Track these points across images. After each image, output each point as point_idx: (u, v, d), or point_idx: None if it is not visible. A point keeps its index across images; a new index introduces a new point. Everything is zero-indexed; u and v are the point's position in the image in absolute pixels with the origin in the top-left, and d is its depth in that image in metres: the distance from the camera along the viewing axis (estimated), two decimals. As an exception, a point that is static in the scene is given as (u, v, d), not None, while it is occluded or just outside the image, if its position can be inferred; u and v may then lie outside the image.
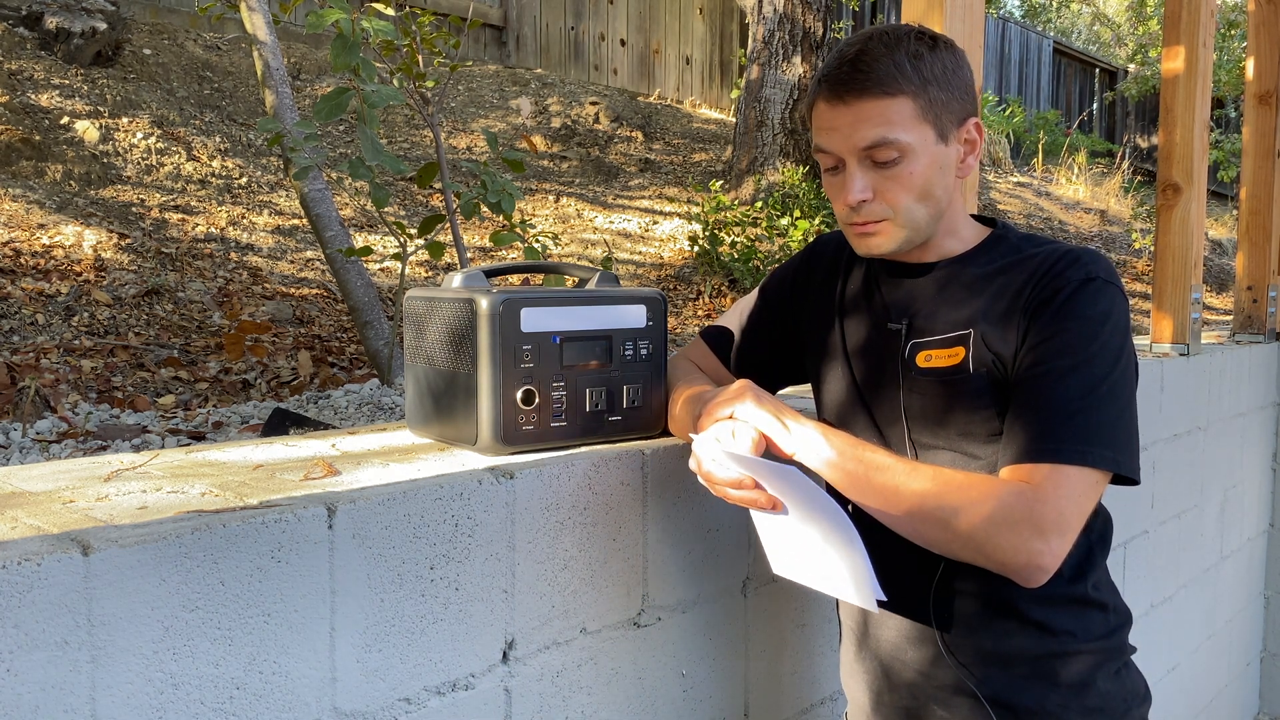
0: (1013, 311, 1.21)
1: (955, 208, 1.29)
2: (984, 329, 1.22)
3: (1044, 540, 1.07)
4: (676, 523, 1.36)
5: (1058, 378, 1.14)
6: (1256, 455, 3.53)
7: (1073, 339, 1.15)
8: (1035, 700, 1.25)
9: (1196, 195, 2.91)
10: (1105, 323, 1.17)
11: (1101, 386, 1.13)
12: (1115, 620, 1.30)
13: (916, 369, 1.26)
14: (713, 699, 1.44)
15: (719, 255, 5.32)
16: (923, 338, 1.27)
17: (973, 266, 1.28)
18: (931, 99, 1.20)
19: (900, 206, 1.23)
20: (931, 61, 1.21)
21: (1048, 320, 1.17)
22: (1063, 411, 1.12)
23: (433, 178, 2.69)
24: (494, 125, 6.52)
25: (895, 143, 1.19)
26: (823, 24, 6.37)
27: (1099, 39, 18.25)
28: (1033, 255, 1.25)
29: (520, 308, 1.23)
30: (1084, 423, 1.12)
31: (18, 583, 0.79)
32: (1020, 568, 1.09)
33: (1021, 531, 1.07)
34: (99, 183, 4.49)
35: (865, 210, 1.24)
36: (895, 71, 1.19)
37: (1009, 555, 1.08)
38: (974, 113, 1.28)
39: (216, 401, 2.97)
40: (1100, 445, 1.11)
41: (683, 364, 1.49)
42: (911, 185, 1.22)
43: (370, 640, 1.02)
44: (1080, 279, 1.18)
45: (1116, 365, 1.16)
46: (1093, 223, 8.84)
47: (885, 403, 1.30)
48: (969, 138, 1.26)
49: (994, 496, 1.09)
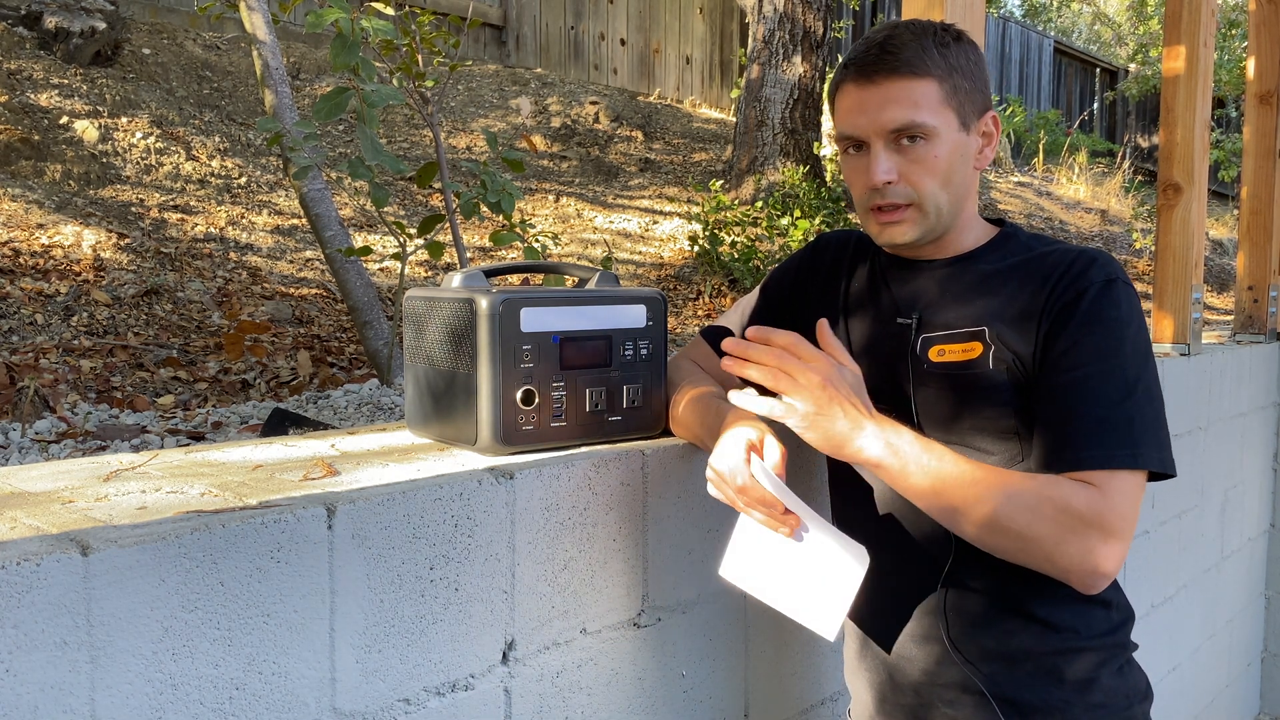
0: (1031, 312, 1.21)
1: (971, 202, 1.31)
2: (999, 327, 1.22)
3: (1108, 546, 1.10)
4: (676, 523, 1.36)
5: (1096, 382, 1.16)
6: (1257, 455, 3.53)
7: (1103, 342, 1.17)
8: (1040, 697, 1.25)
9: (1197, 195, 2.91)
10: (1131, 324, 1.19)
11: (1138, 387, 1.15)
12: (1118, 617, 1.31)
13: (928, 363, 1.26)
14: (713, 699, 1.44)
15: (719, 255, 5.32)
16: (934, 332, 1.27)
17: (983, 263, 1.29)
18: (956, 86, 1.24)
19: (925, 190, 1.24)
20: (957, 51, 1.25)
21: (1076, 324, 1.18)
22: (1107, 416, 1.14)
23: (432, 177, 2.69)
24: (494, 125, 6.51)
25: (922, 125, 1.21)
26: (823, 24, 6.36)
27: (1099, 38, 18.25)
28: (1045, 255, 1.26)
29: (520, 308, 1.22)
30: (1128, 426, 1.14)
31: (17, 583, 0.79)
32: (1087, 574, 1.11)
33: (1088, 538, 1.10)
34: (98, 182, 4.49)
35: (889, 192, 1.24)
36: (924, 55, 1.22)
37: (1075, 561, 1.10)
38: (991, 107, 1.30)
39: (216, 401, 2.97)
40: (1147, 446, 1.14)
41: (685, 364, 1.49)
42: (936, 169, 1.23)
43: (370, 641, 1.02)
44: (1103, 280, 1.20)
45: (1146, 365, 1.18)
46: (1093, 222, 8.84)
47: (894, 397, 1.30)
48: (987, 130, 1.29)
49: (1062, 506, 1.10)
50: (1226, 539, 3.30)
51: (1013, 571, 1.20)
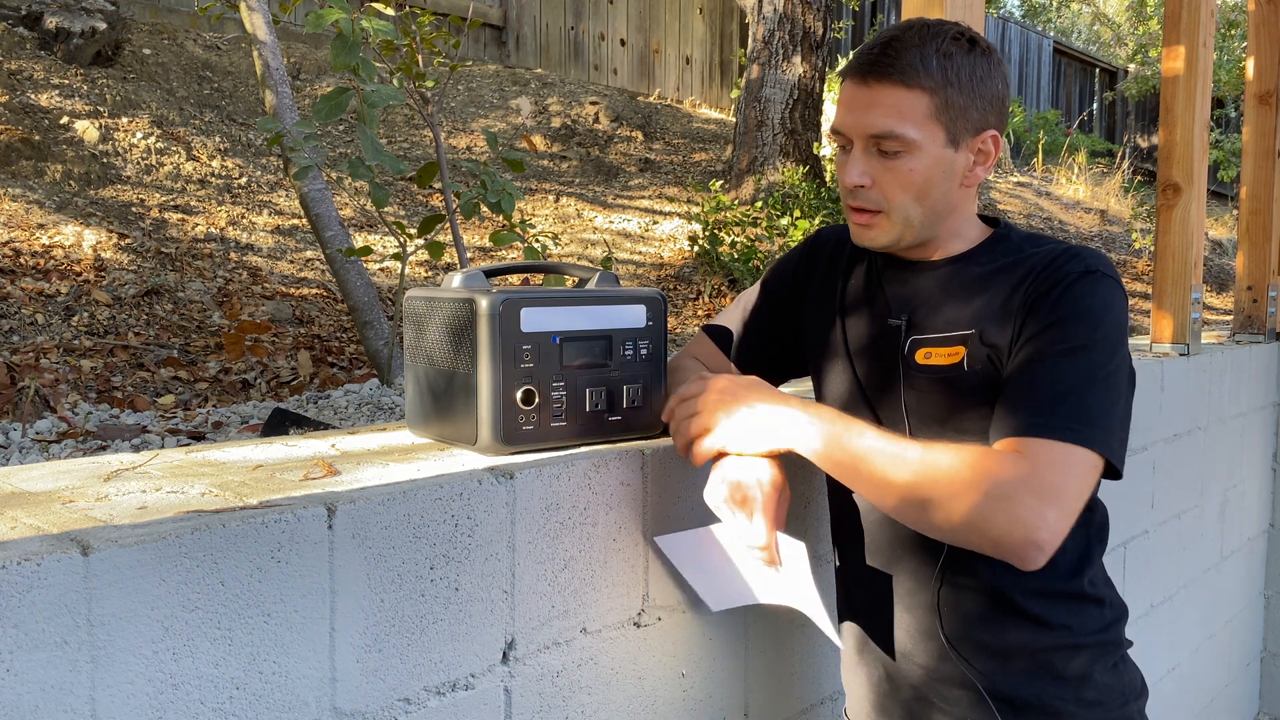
0: (1010, 305, 1.20)
1: (960, 215, 1.29)
2: (984, 329, 1.22)
3: (1039, 513, 1.04)
4: (676, 523, 1.36)
5: (1054, 361, 1.14)
6: (1256, 455, 3.53)
7: (1071, 328, 1.15)
8: (1035, 694, 1.25)
9: (1196, 195, 2.91)
10: (1105, 314, 1.16)
11: (1098, 373, 1.13)
12: (1111, 615, 1.31)
13: (916, 366, 1.26)
14: (713, 699, 1.44)
15: (719, 255, 5.32)
16: (923, 334, 1.27)
17: (974, 265, 1.28)
18: (949, 100, 1.19)
19: (895, 201, 1.23)
20: (961, 63, 1.20)
21: (1047, 310, 1.17)
22: (1059, 393, 1.11)
23: (432, 178, 2.69)
24: (494, 125, 6.52)
25: (901, 136, 1.19)
26: (823, 24, 6.36)
27: (1099, 39, 18.25)
28: (1033, 253, 1.24)
29: (520, 307, 1.22)
30: (1079, 404, 1.10)
31: (17, 583, 0.79)
32: (1018, 544, 1.05)
33: (1018, 504, 1.05)
34: (99, 182, 4.49)
35: (860, 196, 1.24)
36: (919, 64, 1.18)
37: (1005, 530, 1.05)
38: (996, 125, 1.25)
39: (216, 401, 2.97)
40: (1095, 428, 1.09)
41: (687, 361, 1.49)
42: (910, 182, 1.22)
43: (370, 640, 1.02)
44: (1080, 270, 1.18)
45: (1113, 357, 1.15)
46: (1093, 222, 8.84)
47: (887, 400, 1.30)
48: (984, 149, 1.24)
49: (986, 473, 1.07)
50: (1226, 539, 3.30)
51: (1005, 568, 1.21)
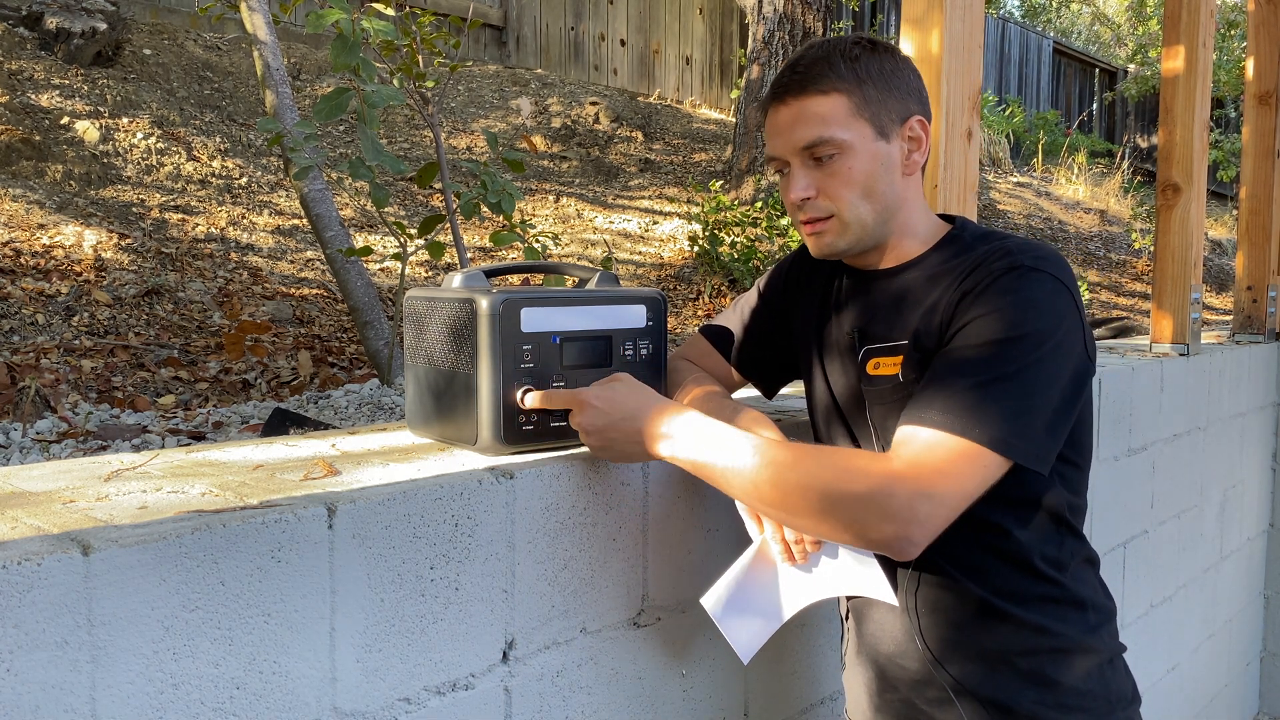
0: (939, 309, 1.19)
1: (910, 208, 1.28)
2: (919, 333, 1.21)
3: (911, 503, 1.03)
4: (676, 523, 1.36)
5: (960, 358, 1.13)
6: (1256, 455, 3.53)
7: (985, 324, 1.13)
8: (1015, 699, 1.23)
9: (1196, 195, 2.91)
10: (1029, 308, 1.13)
11: (1009, 368, 1.10)
12: (1096, 619, 1.28)
13: (868, 377, 1.27)
14: (713, 699, 1.44)
15: (719, 255, 5.32)
16: (874, 344, 1.28)
17: (922, 269, 1.27)
18: (867, 96, 1.23)
19: (843, 203, 1.24)
20: (868, 62, 1.24)
21: (965, 309, 1.16)
22: (954, 387, 1.10)
23: (433, 178, 2.69)
24: (494, 125, 6.52)
25: (831, 139, 1.22)
26: (823, 24, 6.37)
27: (1099, 39, 18.25)
28: (974, 254, 1.22)
29: (520, 308, 1.23)
30: (977, 403, 1.08)
31: (18, 583, 0.79)
32: (888, 538, 1.04)
33: (881, 493, 1.03)
34: (99, 183, 4.49)
35: (809, 207, 1.26)
36: (829, 71, 1.22)
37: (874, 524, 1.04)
38: (919, 111, 1.27)
39: (216, 401, 2.97)
40: (990, 427, 1.07)
41: (680, 363, 1.49)
42: (852, 181, 1.23)
43: (370, 640, 1.02)
44: (1004, 267, 1.16)
45: (1036, 350, 1.11)
46: (1093, 223, 8.84)
47: (855, 411, 1.31)
48: (913, 135, 1.27)
49: (846, 464, 1.07)
50: (1226, 539, 3.30)
51: (976, 570, 1.20)
